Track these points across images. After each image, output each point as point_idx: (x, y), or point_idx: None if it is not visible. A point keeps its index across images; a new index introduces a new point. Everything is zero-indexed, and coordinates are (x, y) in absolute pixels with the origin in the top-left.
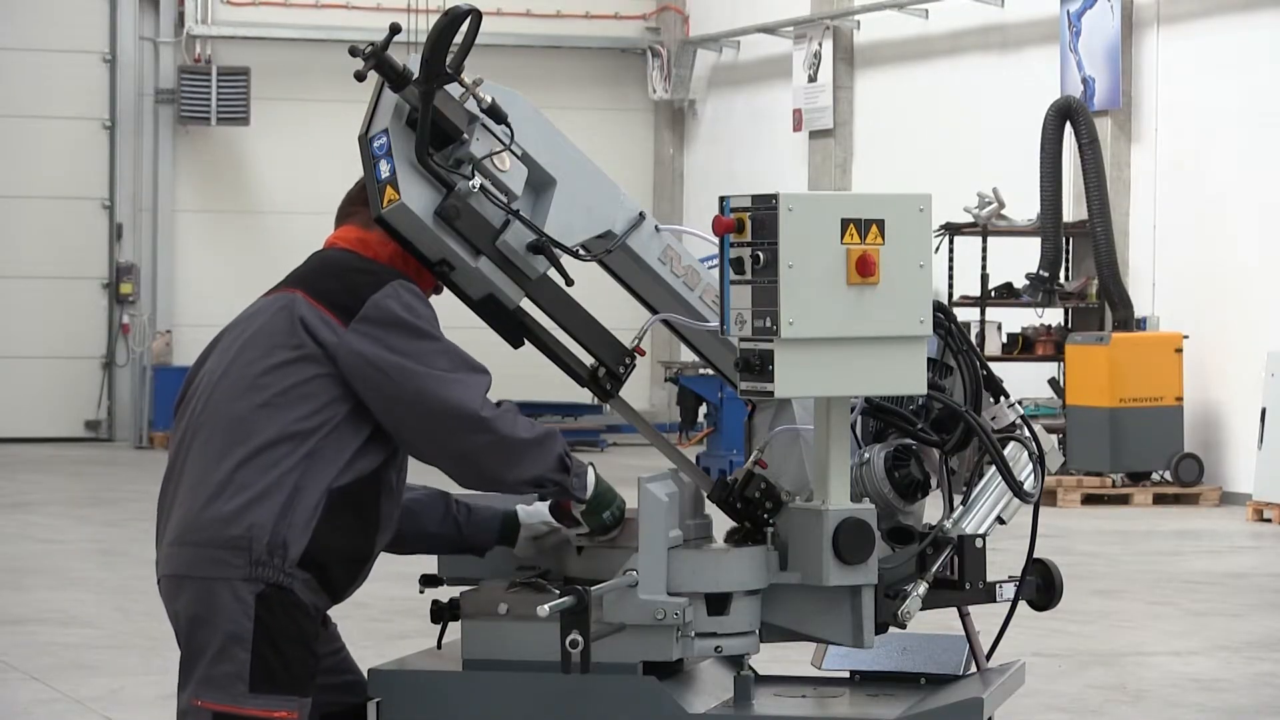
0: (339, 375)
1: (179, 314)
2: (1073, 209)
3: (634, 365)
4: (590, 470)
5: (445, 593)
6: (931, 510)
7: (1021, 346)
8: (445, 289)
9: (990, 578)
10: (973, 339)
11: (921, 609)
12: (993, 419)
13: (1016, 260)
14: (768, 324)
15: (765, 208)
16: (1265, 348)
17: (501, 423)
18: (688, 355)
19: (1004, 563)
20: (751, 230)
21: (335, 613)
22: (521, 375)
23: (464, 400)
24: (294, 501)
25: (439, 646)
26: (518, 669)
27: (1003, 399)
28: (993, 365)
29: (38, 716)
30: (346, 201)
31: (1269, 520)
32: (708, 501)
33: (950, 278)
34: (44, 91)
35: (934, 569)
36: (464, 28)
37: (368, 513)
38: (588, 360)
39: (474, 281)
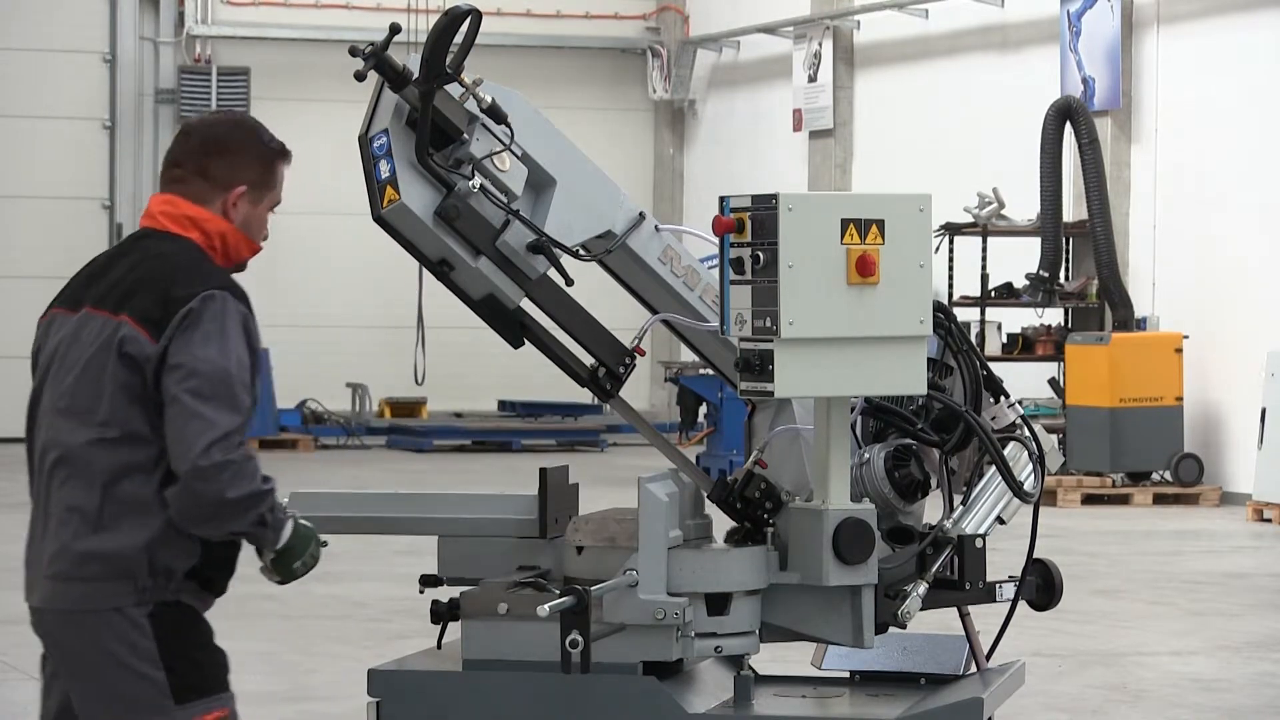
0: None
1: None
2: (1073, 209)
3: (634, 365)
4: (289, 525)
5: (445, 593)
6: (931, 510)
7: (1021, 346)
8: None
9: (990, 578)
10: (973, 339)
11: (921, 609)
12: (993, 419)
13: (1016, 260)
14: (768, 324)
15: (765, 208)
16: (1265, 348)
17: (212, 477)
18: (688, 355)
19: (1004, 563)
20: (751, 230)
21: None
22: (521, 375)
23: (187, 439)
24: (169, 527)
25: (439, 646)
26: (518, 669)
27: (1003, 399)
28: (993, 365)
29: (37, 716)
30: (169, 163)
31: (1269, 520)
32: (708, 501)
33: (950, 278)
34: (44, 91)
35: (934, 569)
36: (464, 28)
37: None
38: (588, 360)
39: (474, 281)
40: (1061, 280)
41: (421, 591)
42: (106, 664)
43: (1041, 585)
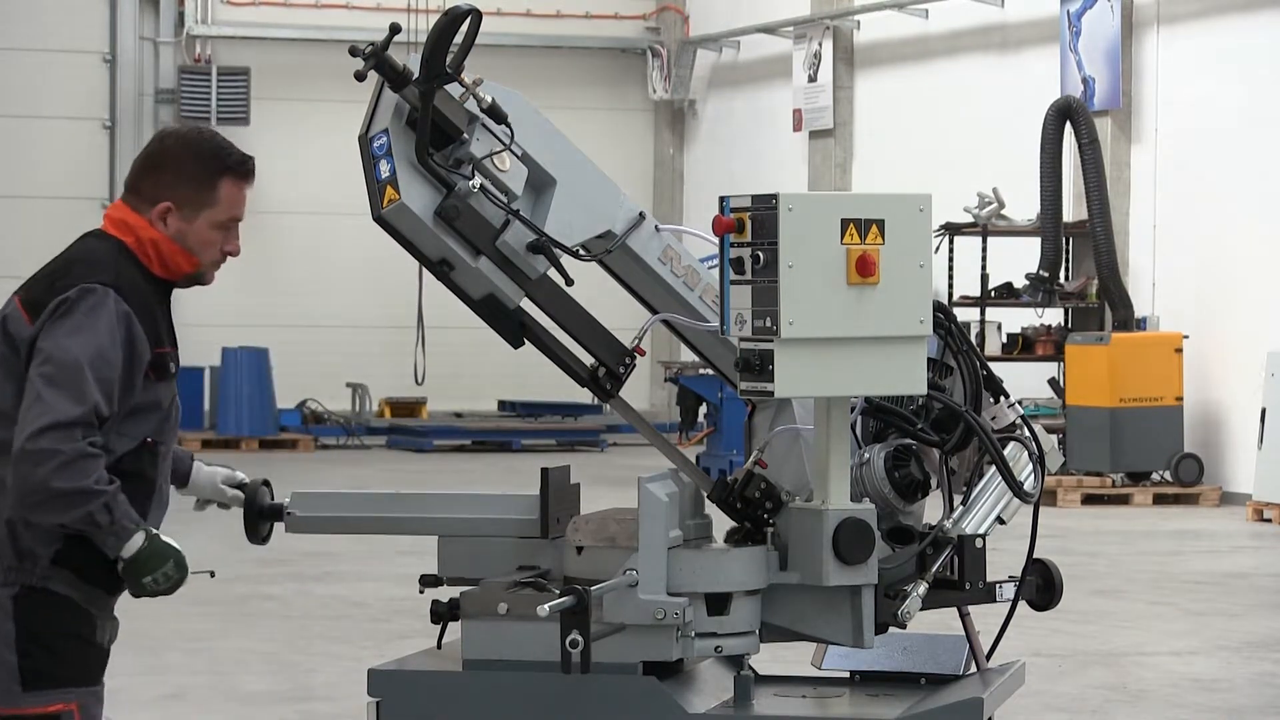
0: None
1: (179, 313)
2: (1073, 209)
3: (634, 365)
4: (139, 536)
5: (445, 593)
6: (931, 510)
7: (1021, 346)
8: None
9: (990, 578)
10: (973, 339)
11: (921, 609)
12: (993, 419)
13: (1016, 260)
14: (768, 324)
15: (765, 208)
16: (1265, 348)
17: (39, 462)
18: (688, 355)
19: (1004, 563)
20: (751, 230)
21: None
22: (521, 375)
23: (29, 422)
24: None
25: (439, 646)
26: (518, 669)
27: (1003, 399)
28: (993, 365)
29: None
30: (130, 170)
31: (1269, 520)
32: (708, 501)
33: (950, 278)
34: (44, 91)
35: (934, 569)
36: (464, 28)
37: None
38: (588, 360)
39: (474, 281)
40: (1061, 280)
41: (421, 591)
42: None
43: (1041, 585)
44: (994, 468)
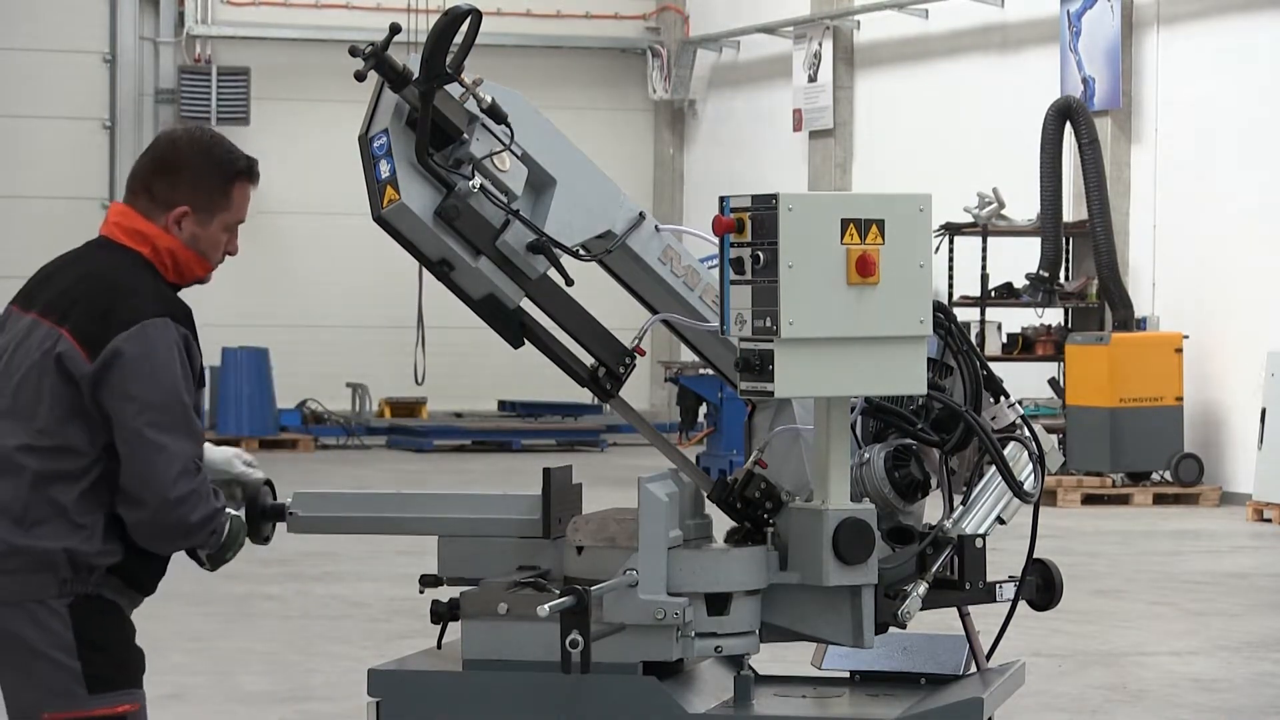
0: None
1: None
2: (1073, 209)
3: (634, 365)
4: (227, 525)
5: (445, 593)
6: (931, 510)
7: (1021, 346)
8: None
9: (990, 578)
10: (973, 339)
11: (921, 609)
12: (993, 419)
13: (1016, 260)
14: (768, 324)
15: (765, 208)
16: (1265, 348)
17: (179, 506)
18: (688, 355)
19: (1004, 563)
20: (751, 230)
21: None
22: (521, 375)
23: (156, 472)
24: (92, 527)
25: (439, 646)
26: (518, 669)
27: (1003, 399)
28: (993, 365)
29: None
30: (130, 173)
31: (1269, 520)
32: (708, 501)
33: (950, 278)
34: (44, 91)
35: (934, 569)
36: (464, 28)
37: None
38: (588, 360)
39: (474, 281)
40: (1061, 280)
41: (421, 591)
42: (23, 651)
43: (1041, 585)
44: (994, 468)
